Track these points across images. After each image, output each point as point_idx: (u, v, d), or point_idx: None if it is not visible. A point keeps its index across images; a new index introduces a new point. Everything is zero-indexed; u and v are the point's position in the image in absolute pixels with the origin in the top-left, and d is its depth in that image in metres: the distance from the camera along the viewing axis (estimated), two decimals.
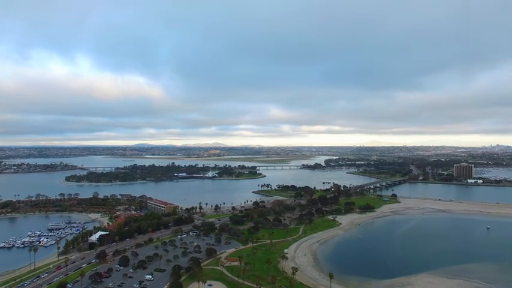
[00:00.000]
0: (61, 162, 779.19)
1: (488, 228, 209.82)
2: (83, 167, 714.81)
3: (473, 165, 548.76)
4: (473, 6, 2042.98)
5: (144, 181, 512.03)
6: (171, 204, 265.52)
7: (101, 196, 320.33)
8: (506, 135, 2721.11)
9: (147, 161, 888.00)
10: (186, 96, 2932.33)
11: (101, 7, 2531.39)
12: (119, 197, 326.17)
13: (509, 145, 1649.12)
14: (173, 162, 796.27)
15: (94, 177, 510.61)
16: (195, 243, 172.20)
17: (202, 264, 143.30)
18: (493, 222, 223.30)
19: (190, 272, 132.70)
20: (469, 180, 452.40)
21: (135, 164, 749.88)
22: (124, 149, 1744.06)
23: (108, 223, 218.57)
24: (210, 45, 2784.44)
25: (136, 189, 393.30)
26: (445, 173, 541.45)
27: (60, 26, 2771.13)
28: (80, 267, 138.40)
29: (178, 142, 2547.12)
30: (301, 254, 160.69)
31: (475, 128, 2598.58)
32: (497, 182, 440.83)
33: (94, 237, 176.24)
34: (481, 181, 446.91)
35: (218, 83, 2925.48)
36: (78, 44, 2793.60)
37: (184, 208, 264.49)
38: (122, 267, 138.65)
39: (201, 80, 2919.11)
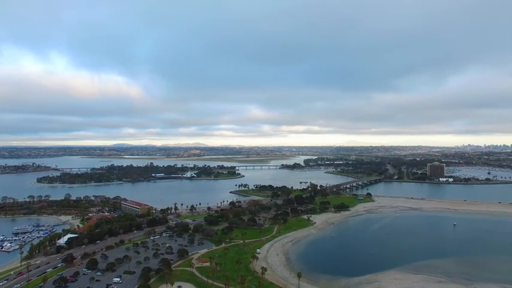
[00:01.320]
0: (33, 163, 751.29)
1: (454, 225, 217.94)
2: (57, 167, 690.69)
3: (444, 165, 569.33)
4: (442, 13, 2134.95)
5: (121, 182, 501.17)
6: (146, 205, 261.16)
7: (73, 198, 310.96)
8: (477, 135, 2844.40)
9: (125, 161, 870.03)
10: (166, 96, 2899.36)
11: (76, 4, 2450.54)
12: (93, 198, 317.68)
13: (479, 145, 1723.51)
14: (151, 163, 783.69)
15: (68, 178, 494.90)
16: (168, 245, 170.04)
17: (173, 266, 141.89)
18: (460, 219, 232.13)
19: (160, 274, 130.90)
20: (440, 179, 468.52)
21: (113, 165, 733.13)
22: (102, 149, 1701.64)
23: (78, 225, 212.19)
24: (189, 44, 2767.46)
25: (112, 190, 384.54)
26: (419, 172, 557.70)
27: (33, 22, 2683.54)
28: (45, 272, 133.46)
29: (158, 142, 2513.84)
30: (274, 253, 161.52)
31: (448, 129, 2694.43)
32: (466, 180, 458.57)
33: (62, 241, 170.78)
34: (451, 179, 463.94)
35: (198, 82, 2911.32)
36: (52, 41, 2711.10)
37: (159, 209, 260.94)
38: (89, 271, 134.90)
39: (181, 80, 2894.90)
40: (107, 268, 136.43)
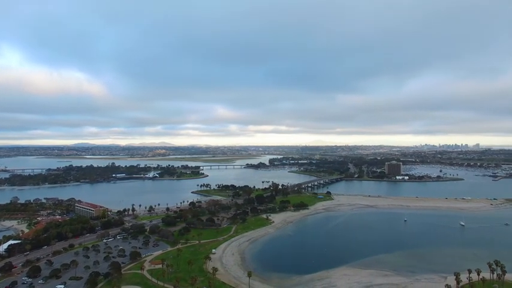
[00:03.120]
0: None
1: (405, 221, 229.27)
2: (6, 169, 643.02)
3: (401, 163, 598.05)
4: (400, 21, 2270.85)
5: (78, 183, 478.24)
6: (101, 206, 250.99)
7: (22, 201, 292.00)
8: (434, 135, 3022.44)
9: (85, 162, 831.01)
10: (130, 94, 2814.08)
11: None
12: (44, 201, 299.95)
13: (435, 145, 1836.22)
14: (113, 163, 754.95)
15: (18, 180, 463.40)
16: (120, 247, 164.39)
17: (124, 269, 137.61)
18: (410, 215, 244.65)
19: (109, 278, 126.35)
20: (397, 177, 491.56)
21: (71, 165, 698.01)
22: (60, 148, 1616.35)
23: (22, 231, 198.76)
24: (153, 42, 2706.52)
25: (68, 192, 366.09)
26: (378, 170, 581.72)
27: None
28: None
29: (123, 141, 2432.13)
30: (230, 253, 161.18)
31: (407, 129, 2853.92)
32: (420, 178, 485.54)
33: (2, 248, 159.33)
34: (407, 177, 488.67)
35: (163, 81, 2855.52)
36: (3, 34, 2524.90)
37: (116, 211, 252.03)
38: (30, 279, 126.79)
39: (145, 78, 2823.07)
40: (51, 275, 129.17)
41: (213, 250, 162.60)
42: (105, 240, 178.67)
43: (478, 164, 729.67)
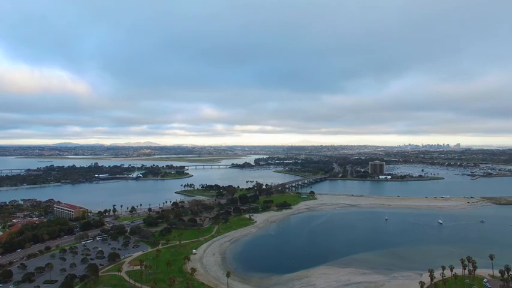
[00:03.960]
0: None
1: (386, 219, 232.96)
2: None
3: (384, 163, 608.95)
4: (382, 23, 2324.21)
5: (59, 184, 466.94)
6: (81, 207, 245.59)
7: None
8: (417, 135, 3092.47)
9: (67, 162, 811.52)
10: (115, 93, 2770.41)
11: None
12: (21, 202, 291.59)
13: (418, 144, 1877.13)
14: (96, 163, 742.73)
15: None
16: (99, 249, 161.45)
17: (102, 271, 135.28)
18: (391, 214, 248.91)
19: (85, 281, 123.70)
20: (380, 176, 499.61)
21: (52, 165, 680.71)
22: (42, 148, 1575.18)
23: None
24: (138, 41, 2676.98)
25: (47, 193, 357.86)
26: (362, 170, 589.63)
27: None
28: None
29: (107, 141, 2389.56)
30: (210, 253, 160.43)
31: (391, 129, 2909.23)
32: (402, 178, 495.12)
33: None
34: (389, 177, 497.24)
35: (149, 80, 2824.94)
36: None
37: (96, 211, 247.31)
38: (0, 284, 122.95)
39: (130, 77, 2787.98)
40: (24, 279, 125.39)
41: (194, 250, 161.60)
42: (83, 242, 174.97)
43: (458, 163, 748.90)
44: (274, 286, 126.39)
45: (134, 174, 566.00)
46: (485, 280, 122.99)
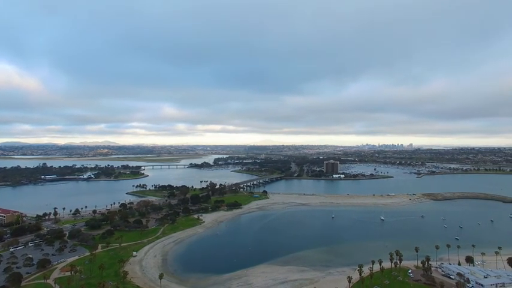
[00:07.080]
0: None
1: (333, 217, 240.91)
2: None
3: (339, 162, 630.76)
4: (334, 28, 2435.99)
5: None
6: (15, 211, 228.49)
7: None
8: (374, 136, 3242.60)
9: (12, 162, 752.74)
10: (69, 91, 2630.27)
11: None
12: None
13: (375, 144, 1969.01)
14: (45, 163, 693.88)
15: None
16: (29, 255, 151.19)
17: (27, 280, 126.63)
18: (339, 211, 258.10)
19: None
20: (334, 176, 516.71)
21: None
22: None
23: None
24: (92, 38, 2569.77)
25: None
26: (318, 169, 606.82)
27: None
28: None
29: (62, 140, 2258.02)
30: (152, 255, 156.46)
31: (350, 130, 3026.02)
32: (354, 176, 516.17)
33: None
34: (343, 176, 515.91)
35: (107, 79, 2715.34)
36: None
37: (35, 215, 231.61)
38: None
39: (86, 75, 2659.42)
40: None
41: (134, 253, 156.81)
42: (12, 249, 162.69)
43: (408, 162, 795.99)
44: (211, 286, 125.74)
45: (86, 175, 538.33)
46: (409, 271, 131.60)
